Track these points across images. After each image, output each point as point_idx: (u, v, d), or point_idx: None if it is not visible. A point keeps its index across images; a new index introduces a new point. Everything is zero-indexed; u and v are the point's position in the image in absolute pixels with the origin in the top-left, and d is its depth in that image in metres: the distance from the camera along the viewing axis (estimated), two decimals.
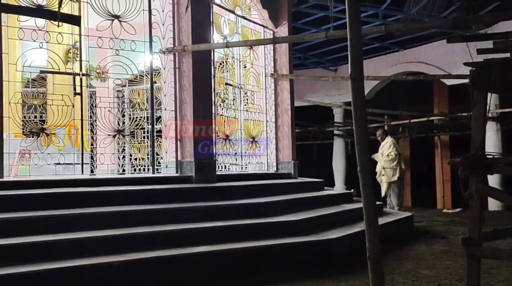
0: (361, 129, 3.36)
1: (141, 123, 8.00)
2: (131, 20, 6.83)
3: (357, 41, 3.37)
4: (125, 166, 10.22)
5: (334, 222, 6.62)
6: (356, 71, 3.35)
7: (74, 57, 7.91)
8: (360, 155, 3.32)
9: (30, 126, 7.64)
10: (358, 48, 3.37)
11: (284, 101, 9.04)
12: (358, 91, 3.36)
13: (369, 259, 3.34)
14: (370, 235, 3.32)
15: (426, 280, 5.01)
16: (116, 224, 5.28)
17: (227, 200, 6.41)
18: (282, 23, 8.99)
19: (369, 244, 3.33)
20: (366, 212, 3.31)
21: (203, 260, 5.04)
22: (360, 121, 3.37)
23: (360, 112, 3.36)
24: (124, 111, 10.07)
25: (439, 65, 13.42)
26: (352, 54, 3.36)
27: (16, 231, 4.73)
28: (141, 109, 8.62)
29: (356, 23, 3.36)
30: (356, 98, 3.36)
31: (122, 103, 10.79)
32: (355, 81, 3.35)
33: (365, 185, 3.29)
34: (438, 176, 15.39)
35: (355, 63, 3.36)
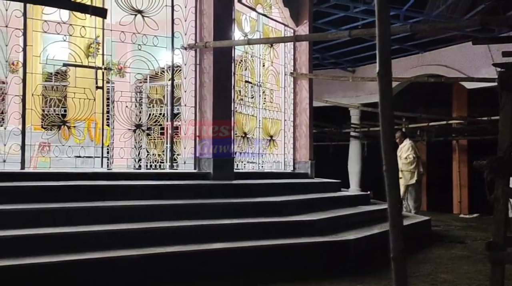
0: (387, 128, 3.29)
1: (159, 120, 8.01)
2: (153, 15, 6.84)
3: (385, 38, 3.31)
4: (141, 161, 10.26)
5: (351, 223, 6.57)
6: (384, 69, 3.29)
7: (95, 51, 7.95)
8: (386, 154, 3.26)
9: (50, 119, 7.69)
10: (386, 45, 3.31)
11: (303, 100, 9.00)
12: (386, 89, 3.29)
13: (393, 259, 3.27)
14: (394, 235, 3.26)
15: (445, 285, 4.95)
16: (134, 218, 5.29)
17: (245, 197, 6.40)
18: (303, 22, 8.94)
19: (393, 244, 3.26)
20: (390, 213, 3.25)
21: (220, 257, 5.03)
22: (386, 120, 3.30)
23: (386, 111, 3.30)
24: (141, 107, 10.11)
25: (460, 68, 13.25)
26: (380, 51, 3.29)
27: (37, 222, 4.75)
28: (161, 105, 8.64)
29: (385, 19, 3.29)
30: (383, 96, 3.29)
31: (140, 99, 10.83)
32: (383, 79, 3.28)
33: (390, 185, 3.23)
34: (455, 180, 15.21)
35: (383, 60, 3.30)
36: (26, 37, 5.96)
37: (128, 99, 7.72)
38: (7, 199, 5.01)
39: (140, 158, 10.33)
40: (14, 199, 5.06)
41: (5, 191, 5.17)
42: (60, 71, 9.15)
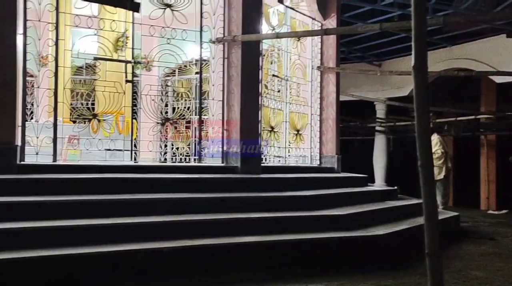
0: (423, 122, 3.24)
1: (184, 114, 8.05)
2: (182, 9, 6.87)
3: (421, 31, 3.26)
4: (166, 154, 10.34)
5: (379, 218, 6.52)
6: (420, 61, 3.23)
7: (124, 45, 8.02)
8: (421, 149, 3.22)
9: (79, 112, 7.80)
10: (422, 38, 3.25)
11: (330, 95, 8.95)
12: (422, 82, 3.24)
13: (427, 255, 3.24)
14: (429, 231, 3.22)
15: (477, 282, 4.88)
16: (164, 210, 5.35)
17: (273, 191, 6.40)
18: (330, 15, 8.88)
19: (428, 240, 3.22)
20: (426, 208, 3.21)
21: (251, 250, 5.04)
22: (423, 114, 3.25)
23: (422, 105, 3.25)
24: (167, 100, 10.17)
25: (489, 62, 13.00)
26: (416, 44, 3.24)
27: (69, 213, 4.84)
28: (187, 99, 8.68)
29: (421, 10, 3.24)
30: (419, 90, 3.24)
31: (165, 93, 10.90)
32: (419, 72, 3.23)
33: (425, 180, 3.19)
34: (483, 176, 14.96)
35: (419, 53, 3.24)
36: (58, 31, 6.04)
37: (155, 93, 7.80)
38: (40, 191, 5.11)
39: (166, 151, 10.43)
40: (48, 191, 5.15)
41: (39, 183, 5.27)
42: (90, 65, 9.28)
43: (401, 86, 15.61)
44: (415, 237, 6.32)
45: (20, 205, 4.80)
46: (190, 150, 8.71)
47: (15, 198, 4.88)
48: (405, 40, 14.22)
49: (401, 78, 15.25)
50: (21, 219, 4.58)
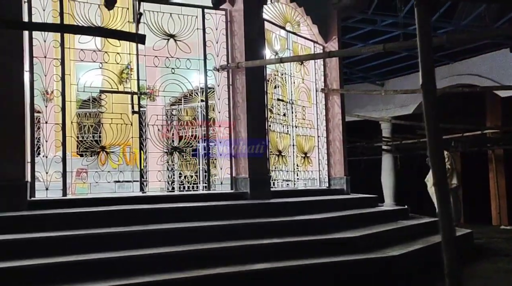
0: (435, 140, 3.23)
1: (191, 142, 8.08)
2: (186, 39, 6.94)
3: (427, 49, 3.28)
4: (174, 183, 10.31)
5: (392, 239, 6.44)
6: (428, 79, 3.25)
7: (128, 77, 8.08)
8: (435, 167, 3.20)
9: (85, 145, 7.82)
10: (428, 56, 3.28)
11: (335, 116, 8.96)
12: (431, 100, 3.25)
13: (447, 276, 3.18)
14: (447, 250, 3.17)
15: None
16: (176, 240, 5.29)
17: (283, 216, 6.35)
18: (332, 37, 8.96)
19: (446, 260, 3.17)
20: (443, 226, 3.16)
21: (263, 277, 4.97)
22: (434, 132, 3.24)
23: (433, 123, 3.24)
24: (173, 130, 10.20)
25: (493, 77, 13.05)
26: (423, 63, 3.27)
27: (81, 248, 4.80)
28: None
29: (426, 29, 3.27)
30: (429, 108, 3.24)
31: (171, 122, 10.94)
32: (427, 90, 3.25)
33: (441, 198, 3.16)
34: (493, 191, 14.87)
35: (427, 71, 3.26)
36: (64, 66, 6.10)
37: (160, 123, 7.82)
38: (51, 226, 5.09)
39: (173, 180, 10.41)
40: (59, 226, 5.13)
41: (51, 219, 5.26)
42: (95, 98, 9.36)
43: (405, 105, 15.65)
44: (430, 256, 6.27)
45: (32, 241, 4.78)
46: (198, 178, 8.71)
47: (27, 234, 4.86)
48: (407, 59, 14.32)
49: (404, 97, 15.30)
50: (34, 255, 4.55)
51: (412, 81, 15.23)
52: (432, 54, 3.32)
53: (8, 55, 5.49)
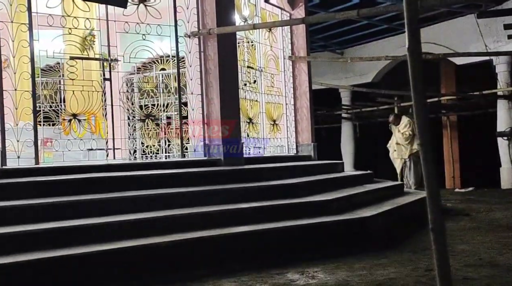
0: (420, 102, 3.36)
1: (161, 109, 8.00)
2: (156, 4, 6.81)
3: (413, 13, 3.37)
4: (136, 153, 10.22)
5: (362, 202, 6.66)
6: (414, 43, 3.35)
7: (91, 44, 7.88)
8: (420, 128, 3.34)
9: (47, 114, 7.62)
10: (414, 20, 3.37)
11: (302, 83, 9.07)
12: (416, 65, 3.36)
13: (432, 231, 3.35)
14: (431, 206, 3.35)
15: (465, 254, 5.09)
16: (153, 207, 5.31)
17: (258, 181, 6.45)
18: (298, 5, 8.98)
19: (431, 215, 3.34)
20: (427, 185, 3.32)
21: (244, 240, 5.08)
22: (419, 95, 3.36)
23: (419, 85, 3.37)
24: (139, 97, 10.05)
25: (448, 45, 13.45)
26: (409, 27, 3.35)
27: (59, 215, 4.77)
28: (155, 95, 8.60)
29: None
30: (414, 72, 3.36)
31: (132, 91, 10.76)
32: (413, 53, 3.35)
33: (426, 158, 3.31)
34: (446, 156, 15.49)
35: (412, 35, 3.36)
36: (32, 32, 5.90)
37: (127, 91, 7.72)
38: (26, 194, 5.02)
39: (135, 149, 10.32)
40: (34, 193, 5.06)
41: (24, 187, 5.17)
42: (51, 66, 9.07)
43: (364, 73, 15.96)
44: (399, 217, 6.55)
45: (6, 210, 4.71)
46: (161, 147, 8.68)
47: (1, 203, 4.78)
48: (366, 27, 14.53)
49: (363, 65, 15.59)
50: (8, 223, 4.50)
51: (370, 50, 15.51)
52: (418, 19, 3.43)
53: None
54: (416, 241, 5.75)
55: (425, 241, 5.74)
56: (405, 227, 6.42)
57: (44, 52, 6.73)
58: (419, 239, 5.85)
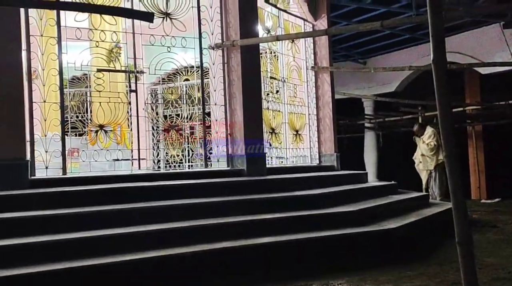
0: (445, 114, 3.36)
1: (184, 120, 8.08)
2: (180, 17, 6.91)
3: (438, 25, 3.37)
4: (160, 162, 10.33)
5: (387, 213, 6.62)
6: (439, 55, 3.35)
7: (117, 56, 8.02)
8: (446, 140, 3.33)
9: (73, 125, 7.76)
10: (439, 32, 3.37)
11: (325, 94, 9.08)
12: (442, 75, 3.36)
13: (458, 244, 3.33)
14: (458, 219, 3.32)
15: (493, 268, 5.01)
16: (178, 217, 5.36)
17: (281, 192, 6.46)
18: (321, 15, 9.01)
19: (457, 229, 3.32)
20: (453, 197, 3.31)
21: (268, 251, 5.10)
22: (444, 106, 3.36)
23: (444, 97, 3.36)
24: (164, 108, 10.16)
25: (473, 54, 13.29)
26: (434, 39, 3.36)
27: (86, 224, 4.84)
28: (179, 106, 8.70)
29: (437, 6, 3.36)
30: (440, 83, 3.36)
31: (156, 101, 10.88)
32: (438, 65, 3.35)
33: (451, 170, 3.30)
34: (472, 166, 15.23)
35: (437, 47, 3.36)
36: (61, 45, 6.04)
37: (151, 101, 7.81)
38: (54, 204, 5.11)
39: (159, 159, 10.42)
40: (62, 203, 5.15)
41: (53, 197, 5.27)
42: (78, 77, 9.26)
43: (387, 82, 15.85)
44: (424, 228, 6.48)
45: (35, 219, 4.81)
46: (184, 156, 8.76)
47: (30, 212, 4.88)
48: (389, 37, 14.46)
49: (386, 74, 15.48)
50: (37, 233, 4.58)
51: (394, 59, 15.42)
52: (443, 31, 3.42)
53: (5, 35, 5.41)
54: (442, 253, 5.68)
55: (452, 253, 5.65)
56: (431, 238, 6.34)
57: (72, 65, 6.89)
58: (446, 251, 5.77)
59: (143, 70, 7.07)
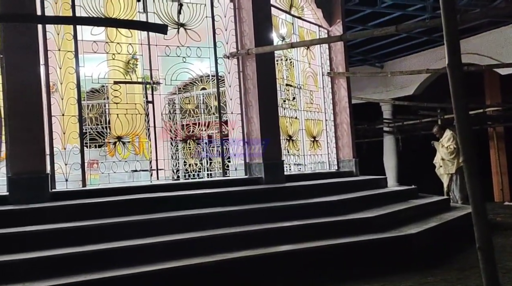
0: (463, 118, 3.31)
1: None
2: (195, 27, 6.97)
3: (453, 29, 3.34)
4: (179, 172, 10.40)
5: (407, 218, 6.55)
6: (454, 59, 3.31)
7: (133, 68, 8.11)
8: (463, 144, 3.29)
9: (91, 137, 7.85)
10: (454, 36, 3.34)
11: (342, 99, 9.05)
12: (457, 80, 3.32)
13: (479, 249, 3.28)
14: (478, 225, 3.27)
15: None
16: (197, 226, 5.38)
17: (300, 199, 6.44)
18: (336, 21, 9.00)
19: (478, 234, 3.27)
20: (473, 202, 3.26)
21: (287, 259, 5.09)
22: (461, 110, 3.32)
23: (460, 101, 3.32)
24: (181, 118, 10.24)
25: (492, 55, 13.12)
26: (449, 42, 3.33)
27: (107, 236, 4.89)
28: (196, 115, 8.75)
29: (451, 10, 3.33)
30: (456, 87, 3.32)
31: (173, 111, 10.97)
32: (454, 70, 3.31)
33: (470, 174, 3.24)
34: (494, 168, 15.01)
35: (453, 51, 3.33)
36: (78, 58, 6.14)
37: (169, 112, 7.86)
38: (74, 217, 5.17)
39: (178, 168, 10.49)
40: (82, 216, 5.21)
41: (72, 209, 5.33)
42: (97, 89, 9.40)
43: (405, 86, 15.73)
44: (445, 233, 6.40)
45: (55, 232, 4.87)
46: (202, 165, 8.80)
47: (51, 225, 4.94)
48: (406, 40, 14.36)
49: (404, 78, 15.37)
50: (58, 246, 4.64)
51: (411, 62, 15.30)
52: (458, 34, 3.39)
53: (24, 50, 5.52)
54: (464, 258, 5.58)
55: (474, 258, 5.52)
56: (452, 243, 6.25)
57: (89, 77, 6.99)
58: (467, 256, 5.67)
59: (160, 81, 7.15)
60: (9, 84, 5.47)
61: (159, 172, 7.86)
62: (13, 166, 5.42)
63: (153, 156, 7.26)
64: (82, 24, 5.88)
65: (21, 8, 5.54)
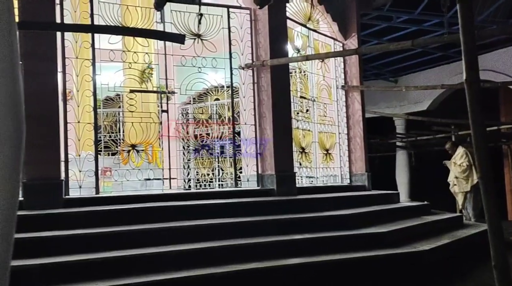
0: (479, 135, 3.30)
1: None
2: (211, 38, 7.02)
3: (471, 45, 3.34)
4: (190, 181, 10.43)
5: (419, 234, 6.50)
6: (472, 74, 3.30)
7: (149, 77, 8.18)
8: (480, 161, 3.26)
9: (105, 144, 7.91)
10: (472, 52, 3.33)
11: (356, 113, 9.02)
12: (475, 95, 3.31)
13: (495, 268, 3.24)
14: (494, 243, 3.24)
15: None
16: (208, 237, 5.37)
17: (311, 212, 6.41)
18: (351, 35, 9.00)
19: (494, 252, 3.23)
20: (489, 219, 3.23)
21: (297, 272, 5.05)
22: (478, 126, 3.31)
23: (477, 117, 3.31)
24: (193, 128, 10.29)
25: (507, 72, 13.05)
26: (467, 58, 3.33)
27: (118, 244, 4.89)
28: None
29: (469, 26, 3.33)
30: (473, 102, 3.31)
31: (187, 121, 11.03)
32: (471, 85, 3.30)
33: (486, 191, 3.22)
34: (508, 186, 14.86)
35: (470, 66, 3.32)
36: (95, 66, 6.20)
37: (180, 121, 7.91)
38: (87, 224, 5.19)
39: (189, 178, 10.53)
40: (95, 223, 5.23)
41: (86, 216, 5.36)
42: (111, 98, 9.48)
43: (419, 101, 15.66)
44: (458, 250, 6.32)
45: (69, 238, 4.89)
46: (214, 175, 8.82)
47: (64, 231, 4.96)
48: (421, 55, 14.34)
49: (418, 93, 15.30)
50: (70, 252, 4.66)
51: (425, 77, 15.26)
52: (475, 48, 3.38)
53: (42, 57, 5.59)
54: (477, 277, 5.51)
55: (487, 277, 5.50)
56: (465, 261, 6.17)
57: (106, 85, 7.07)
58: (481, 274, 5.60)
59: (174, 91, 7.19)
60: (27, 90, 5.52)
61: (171, 181, 7.91)
62: (28, 172, 5.47)
63: (166, 165, 7.25)
64: (100, 33, 5.95)
65: (40, 16, 5.62)
